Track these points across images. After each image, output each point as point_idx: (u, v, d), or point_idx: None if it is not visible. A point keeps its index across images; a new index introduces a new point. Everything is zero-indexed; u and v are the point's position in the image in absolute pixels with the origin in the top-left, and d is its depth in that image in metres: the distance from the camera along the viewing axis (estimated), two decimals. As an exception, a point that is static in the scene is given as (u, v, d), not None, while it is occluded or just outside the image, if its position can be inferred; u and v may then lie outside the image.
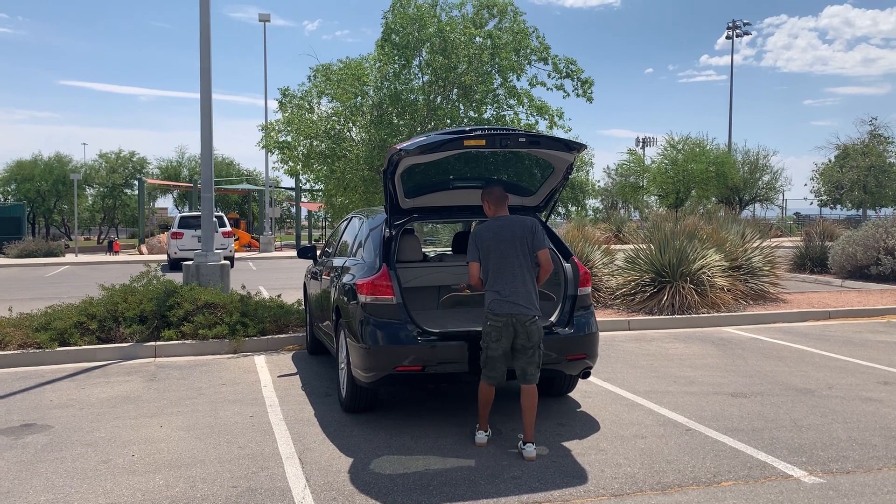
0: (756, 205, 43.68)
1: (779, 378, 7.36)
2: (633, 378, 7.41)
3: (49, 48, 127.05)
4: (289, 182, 41.67)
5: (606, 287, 12.16)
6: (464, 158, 6.27)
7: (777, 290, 12.77)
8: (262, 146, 14.78)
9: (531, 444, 5.06)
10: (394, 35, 12.74)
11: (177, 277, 10.83)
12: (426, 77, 13.03)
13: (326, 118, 13.35)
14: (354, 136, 13.45)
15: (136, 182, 46.09)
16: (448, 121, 12.73)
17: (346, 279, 6.33)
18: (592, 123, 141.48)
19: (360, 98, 13.10)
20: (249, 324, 9.16)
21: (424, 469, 4.85)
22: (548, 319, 6.01)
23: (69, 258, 30.37)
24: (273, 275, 20.82)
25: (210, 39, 10.82)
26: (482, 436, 5.34)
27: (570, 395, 6.66)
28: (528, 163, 6.45)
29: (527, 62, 12.99)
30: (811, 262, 17.60)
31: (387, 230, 6.19)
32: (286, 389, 7.06)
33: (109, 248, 37.85)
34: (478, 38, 12.70)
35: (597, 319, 6.25)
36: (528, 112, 13.11)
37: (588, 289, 6.19)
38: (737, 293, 11.80)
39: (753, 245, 13.31)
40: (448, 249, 9.30)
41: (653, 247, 12.04)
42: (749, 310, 11.47)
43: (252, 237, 39.68)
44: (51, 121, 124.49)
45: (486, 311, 5.20)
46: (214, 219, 11.37)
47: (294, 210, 46.17)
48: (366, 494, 4.43)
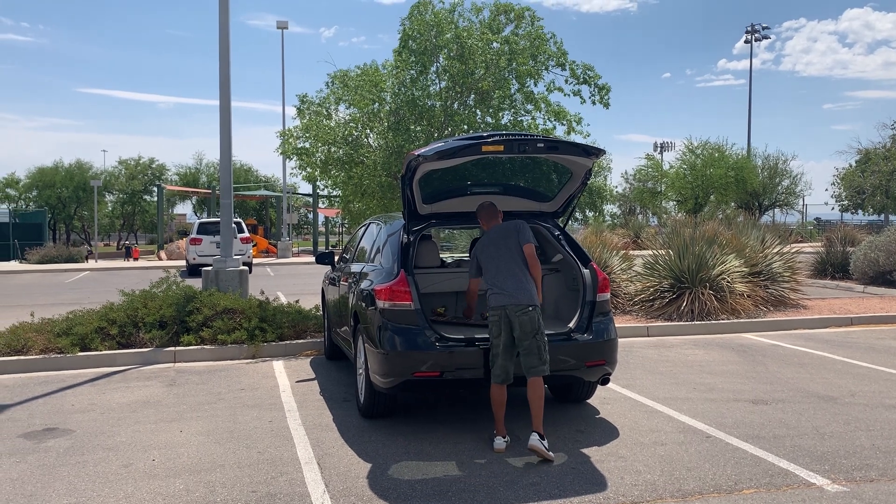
0: (776, 210, 43.28)
1: (800, 385, 7.28)
2: (653, 384, 7.36)
3: (69, 56, 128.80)
4: (306, 188, 41.86)
5: (625, 293, 12.10)
6: (481, 164, 6.27)
7: (798, 296, 12.64)
8: (281, 152, 14.85)
9: (535, 434, 5.07)
10: (411, 41, 12.78)
11: (196, 283, 10.90)
12: (443, 83, 13.06)
13: (344, 124, 13.41)
14: (372, 143, 13.50)
15: (156, 188, 46.45)
16: (465, 126, 12.74)
17: (364, 285, 6.34)
18: (610, 128, 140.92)
19: (378, 104, 13.15)
20: (268, 329, 9.20)
21: (443, 475, 4.84)
22: (566, 325, 6.00)
23: (90, 264, 30.68)
24: (291, 280, 20.91)
25: (229, 47, 10.91)
26: (501, 442, 5.32)
27: (589, 402, 6.62)
28: (546, 168, 6.45)
29: (544, 68, 12.99)
30: (832, 268, 17.40)
31: (404, 236, 6.20)
32: (304, 395, 7.08)
33: (127, 254, 37.92)
34: (495, 44, 12.71)
35: (616, 325, 6.23)
36: (546, 117, 13.10)
37: (607, 295, 6.16)
38: (757, 299, 11.69)
39: (773, 250, 13.19)
40: (465, 255, 9.29)
41: (672, 252, 11.97)
42: (769, 316, 11.37)
43: (270, 243, 39.86)
44: (71, 128, 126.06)
45: (488, 308, 5.44)
46: (233, 225, 11.42)
47: (311, 216, 46.37)
48: (384, 500, 4.43)
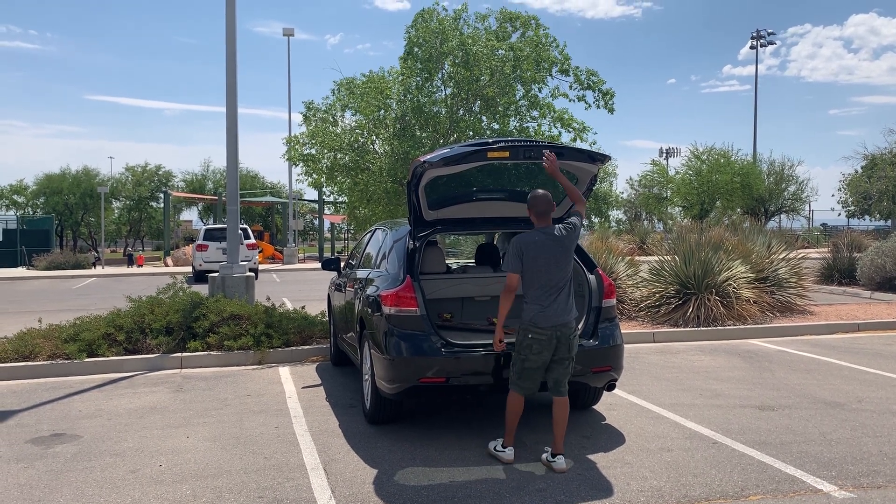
0: (782, 216, 43.21)
1: (807, 391, 7.26)
2: (659, 391, 7.35)
3: (76, 64, 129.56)
4: (312, 194, 41.96)
5: (631, 299, 12.09)
6: (487, 170, 6.29)
7: (804, 302, 12.61)
8: (287, 159, 14.92)
9: (561, 456, 5.04)
10: (416, 48, 12.83)
11: (202, 289, 10.94)
12: (449, 89, 13.10)
13: (350, 131, 13.46)
14: (377, 149, 13.54)
15: (162, 195, 46.69)
16: (471, 133, 12.78)
17: (370, 291, 6.36)
18: (615, 134, 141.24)
19: (384, 111, 13.20)
20: (274, 335, 9.22)
21: (449, 481, 4.84)
22: None
23: (97, 270, 30.79)
24: (297, 286, 20.95)
25: (236, 55, 10.97)
26: (510, 452, 5.21)
27: (595, 408, 6.62)
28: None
29: (548, 74, 13.02)
30: (839, 274, 17.35)
31: (410, 242, 6.22)
32: (311, 400, 7.10)
33: (130, 262, 37.79)
34: (500, 51, 12.75)
35: (621, 331, 6.22)
36: (552, 123, 13.13)
37: (613, 300, 6.17)
38: (763, 305, 11.66)
39: (780, 256, 13.16)
40: (472, 261, 9.31)
41: (678, 258, 11.96)
42: (776, 322, 11.34)
43: (276, 249, 39.95)
44: (78, 135, 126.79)
45: (528, 324, 5.07)
46: (239, 231, 11.46)
47: (317, 222, 46.47)
48: (390, 506, 4.43)
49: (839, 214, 44.67)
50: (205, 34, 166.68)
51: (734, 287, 11.39)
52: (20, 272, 30.24)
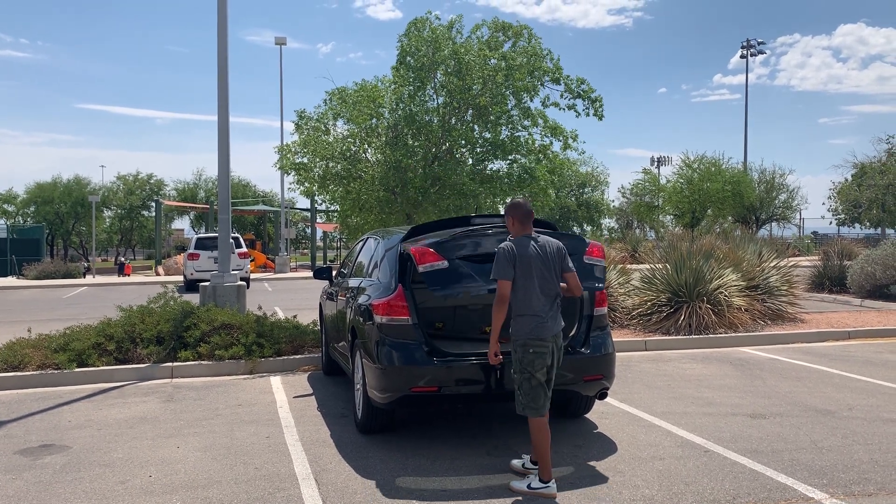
0: (773, 224, 43.40)
1: (798, 399, 7.28)
2: (651, 399, 7.35)
3: (68, 72, 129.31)
4: (304, 203, 41.96)
5: (622, 307, 12.10)
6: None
7: (795, 310, 12.65)
8: (279, 167, 14.91)
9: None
10: (409, 58, 12.87)
11: (193, 298, 10.89)
12: (441, 98, 13.12)
13: (342, 140, 13.47)
14: (370, 158, 13.56)
15: (154, 204, 46.55)
16: (463, 141, 12.80)
17: (362, 300, 6.35)
18: (606, 143, 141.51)
19: (376, 120, 13.22)
20: (265, 344, 9.19)
21: (441, 490, 4.83)
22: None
23: (88, 279, 30.64)
24: (288, 295, 20.88)
25: (227, 63, 10.97)
26: (553, 486, 4.70)
27: (587, 417, 6.61)
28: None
29: (540, 83, 13.06)
30: (829, 282, 17.43)
31: (402, 250, 6.21)
32: (302, 410, 7.07)
33: (121, 271, 37.50)
34: (492, 60, 12.79)
35: (613, 340, 6.23)
36: (543, 133, 13.17)
37: (604, 309, 6.17)
38: (754, 313, 11.70)
39: (771, 264, 13.21)
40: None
41: (669, 266, 11.99)
42: (767, 330, 11.38)
43: (268, 258, 39.89)
44: (70, 144, 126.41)
45: (528, 339, 4.78)
46: (231, 240, 11.43)
47: (309, 231, 46.43)
48: (382, 516, 4.41)
49: (830, 223, 45.00)
50: (197, 43, 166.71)
51: (725, 295, 11.42)
52: (10, 281, 30.07)
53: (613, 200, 50.31)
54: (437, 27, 12.86)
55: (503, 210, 5.22)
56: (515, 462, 5.20)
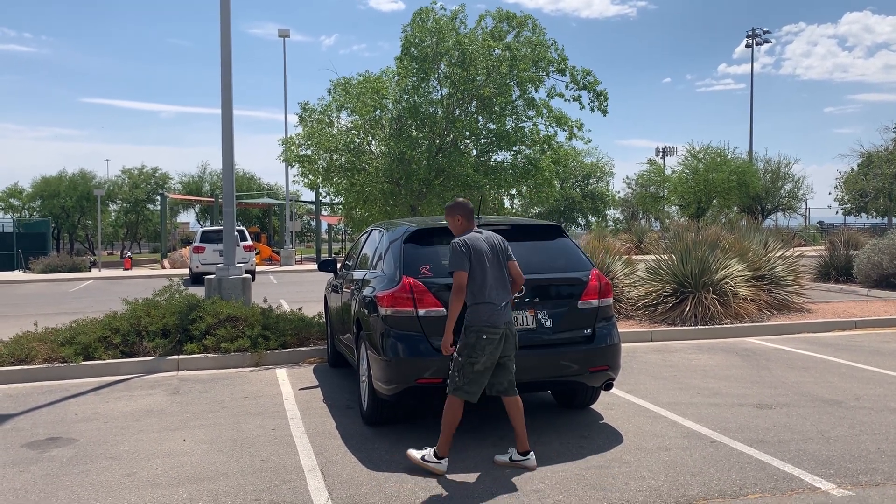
0: (778, 214, 43.24)
1: (804, 389, 7.26)
2: (656, 389, 7.34)
3: (72, 67, 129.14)
4: (309, 195, 41.85)
5: (628, 298, 12.08)
6: None
7: (801, 300, 12.61)
8: (283, 160, 14.85)
9: (532, 453, 5.07)
10: (413, 48, 12.79)
11: (199, 291, 10.91)
12: (445, 90, 13.06)
13: (346, 132, 13.41)
14: (374, 149, 13.50)
15: (159, 197, 46.57)
16: (467, 133, 12.75)
17: (367, 292, 6.34)
18: (611, 133, 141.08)
19: (380, 111, 13.16)
20: (271, 337, 9.20)
21: (446, 482, 4.83)
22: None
23: (94, 273, 30.73)
24: (294, 288, 20.92)
25: (231, 56, 10.95)
26: (445, 463, 5.00)
27: (593, 407, 6.61)
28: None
29: (545, 73, 12.99)
30: (836, 272, 17.38)
31: (407, 242, 6.19)
32: (308, 402, 7.08)
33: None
34: (496, 51, 12.72)
35: (619, 330, 6.22)
36: (548, 123, 13.10)
37: (609, 300, 6.15)
38: (760, 303, 11.67)
39: (776, 254, 13.17)
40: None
41: (674, 257, 11.96)
42: (773, 320, 11.35)
43: (273, 251, 39.89)
44: (75, 138, 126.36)
45: (482, 325, 4.97)
46: (236, 233, 11.44)
47: (314, 223, 46.43)
48: (388, 507, 4.42)
49: (836, 212, 44.85)
50: (200, 36, 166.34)
51: (731, 285, 11.39)
52: (17, 275, 30.18)
53: (619, 191, 50.22)
54: (441, 17, 12.79)
55: (445, 212, 5.42)
56: (500, 458, 5.18)
